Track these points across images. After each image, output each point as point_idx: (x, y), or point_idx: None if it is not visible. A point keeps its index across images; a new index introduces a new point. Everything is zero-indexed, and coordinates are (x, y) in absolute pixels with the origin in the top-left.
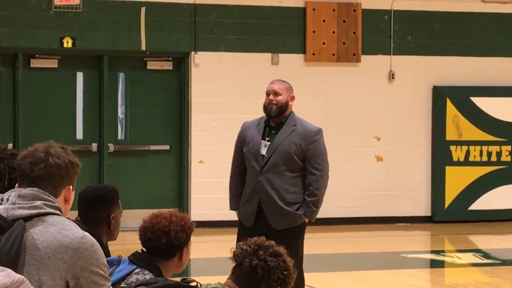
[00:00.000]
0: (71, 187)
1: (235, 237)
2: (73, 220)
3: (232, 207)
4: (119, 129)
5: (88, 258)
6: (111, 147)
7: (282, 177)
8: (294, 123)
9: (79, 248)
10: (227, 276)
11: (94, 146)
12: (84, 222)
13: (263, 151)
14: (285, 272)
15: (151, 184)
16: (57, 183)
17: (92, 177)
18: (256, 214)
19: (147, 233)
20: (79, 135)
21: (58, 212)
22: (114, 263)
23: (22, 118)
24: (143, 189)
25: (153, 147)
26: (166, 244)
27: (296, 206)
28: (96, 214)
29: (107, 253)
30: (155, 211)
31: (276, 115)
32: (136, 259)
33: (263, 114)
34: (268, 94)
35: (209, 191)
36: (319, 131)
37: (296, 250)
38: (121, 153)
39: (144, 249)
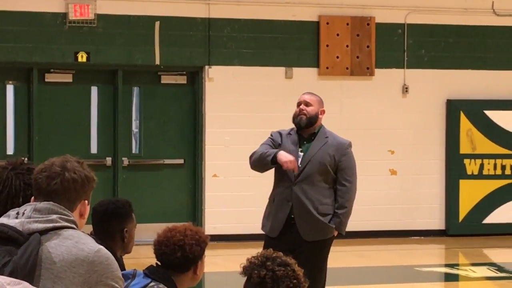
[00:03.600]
0: (86, 201)
1: (249, 250)
2: (88, 234)
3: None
4: (133, 143)
5: (104, 271)
6: (125, 161)
7: (316, 188)
8: (326, 136)
9: (94, 262)
10: None
11: (109, 160)
12: (98, 236)
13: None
14: (295, 281)
15: (165, 198)
16: (73, 197)
17: (106, 191)
18: (284, 224)
19: (161, 247)
20: (94, 149)
21: (73, 225)
22: (129, 276)
23: (37, 133)
24: (157, 203)
25: (167, 161)
26: (181, 257)
27: (328, 217)
28: (110, 228)
29: (121, 266)
30: (169, 225)
31: (306, 126)
32: (151, 272)
33: (276, 127)
34: (299, 104)
35: (223, 205)
36: (350, 144)
37: (322, 263)
38: (135, 167)
39: (159, 263)
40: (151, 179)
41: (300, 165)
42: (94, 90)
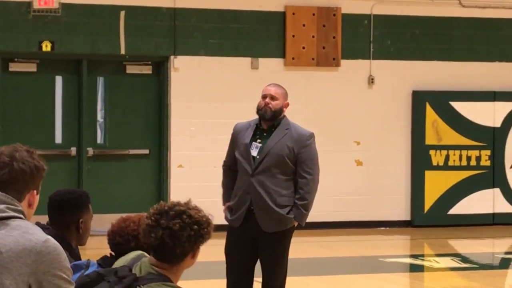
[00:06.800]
0: (35, 191)
1: (214, 241)
2: (44, 224)
3: (225, 201)
4: (98, 133)
5: (51, 262)
6: (90, 151)
7: (274, 180)
8: (287, 127)
9: (42, 252)
10: (207, 280)
11: (73, 150)
12: (53, 226)
13: (254, 153)
14: (195, 227)
15: (131, 189)
16: (21, 188)
17: (71, 182)
18: (245, 215)
19: (116, 237)
20: (58, 139)
21: (21, 215)
22: (82, 267)
23: (1, 123)
24: (122, 194)
25: (132, 151)
26: (135, 247)
27: (287, 209)
28: (65, 218)
29: (77, 257)
30: (124, 215)
31: (270, 119)
32: (105, 263)
33: (242, 118)
34: (264, 97)
35: (189, 196)
36: (312, 135)
37: (282, 253)
38: (100, 157)
39: (113, 253)
40: (116, 169)
41: (257, 157)
42: (58, 80)
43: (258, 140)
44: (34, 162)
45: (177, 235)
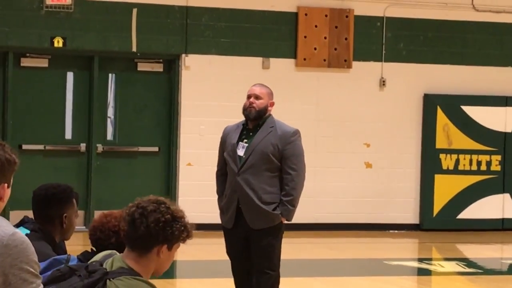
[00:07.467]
0: (6, 184)
1: (221, 240)
2: (31, 218)
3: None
4: (109, 129)
5: (18, 255)
6: (100, 147)
7: (259, 177)
8: (272, 125)
9: (9, 245)
10: (211, 279)
11: (83, 146)
12: (37, 220)
13: (241, 152)
14: (168, 216)
15: (139, 186)
16: None
17: (79, 178)
18: (236, 214)
19: (96, 232)
20: (68, 135)
21: None
22: (62, 261)
23: (11, 117)
24: (130, 191)
25: (142, 149)
26: (115, 243)
27: (273, 205)
28: (49, 212)
29: (63, 252)
30: (106, 211)
31: (254, 118)
32: (85, 258)
33: None
34: (249, 97)
35: (197, 194)
36: (296, 132)
37: (272, 250)
38: (110, 154)
39: (94, 249)
40: (125, 166)
41: (243, 156)
42: (70, 76)
43: (245, 140)
44: (5, 155)
45: (147, 215)
